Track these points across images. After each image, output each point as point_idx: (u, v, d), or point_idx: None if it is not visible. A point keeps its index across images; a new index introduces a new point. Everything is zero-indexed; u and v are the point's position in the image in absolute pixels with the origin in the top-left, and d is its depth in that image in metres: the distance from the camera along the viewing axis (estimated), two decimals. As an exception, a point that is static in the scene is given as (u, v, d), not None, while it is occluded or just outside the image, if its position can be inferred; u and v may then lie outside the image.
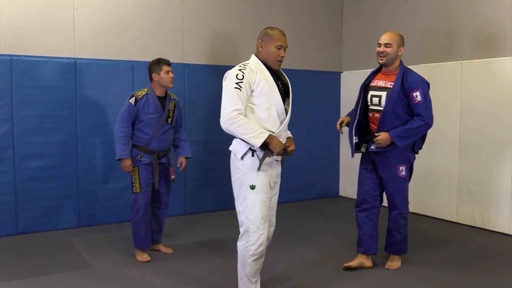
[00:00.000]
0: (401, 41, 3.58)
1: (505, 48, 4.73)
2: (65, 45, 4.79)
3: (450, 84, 5.14)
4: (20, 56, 4.55)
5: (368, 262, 3.76)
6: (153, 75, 3.88)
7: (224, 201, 5.73)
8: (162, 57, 3.98)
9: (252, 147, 2.85)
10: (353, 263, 3.72)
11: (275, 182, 3.02)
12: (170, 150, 4.05)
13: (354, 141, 3.68)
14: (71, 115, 4.78)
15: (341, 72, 6.60)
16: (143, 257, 3.90)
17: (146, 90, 3.89)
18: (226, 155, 5.72)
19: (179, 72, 5.35)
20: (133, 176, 3.86)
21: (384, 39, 3.57)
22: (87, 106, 4.84)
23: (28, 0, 4.59)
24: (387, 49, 3.53)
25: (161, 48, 5.26)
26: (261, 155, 2.84)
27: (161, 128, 3.87)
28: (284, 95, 2.97)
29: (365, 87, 3.69)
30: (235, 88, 2.77)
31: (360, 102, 3.68)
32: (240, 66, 2.87)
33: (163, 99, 3.92)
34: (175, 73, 5.29)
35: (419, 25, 5.57)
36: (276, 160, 2.96)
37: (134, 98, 3.83)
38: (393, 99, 3.49)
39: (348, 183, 6.52)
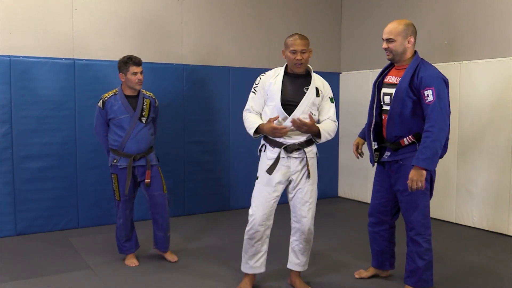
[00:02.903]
0: (407, 31, 3.05)
1: (504, 49, 4.74)
2: (64, 46, 4.79)
3: (449, 85, 5.14)
4: (19, 57, 4.55)
5: (383, 273, 3.56)
6: (120, 75, 3.69)
7: (223, 202, 5.73)
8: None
9: (265, 143, 3.23)
10: (366, 274, 3.58)
11: (292, 179, 3.21)
12: (153, 150, 3.83)
13: (373, 147, 3.28)
14: (70, 116, 4.78)
15: (340, 73, 6.61)
16: (130, 261, 3.82)
17: (115, 90, 3.74)
18: (225, 155, 5.76)
19: (178, 73, 5.35)
20: (113, 184, 3.76)
21: (385, 33, 3.09)
22: (86, 107, 4.83)
23: (27, 1, 4.59)
24: (390, 45, 3.07)
25: (160, 49, 5.26)
26: (268, 152, 3.19)
27: (134, 128, 3.67)
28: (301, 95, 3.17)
29: (379, 85, 3.26)
30: (251, 92, 3.26)
31: (375, 102, 3.25)
32: (265, 73, 3.28)
33: (134, 98, 3.72)
34: (175, 73, 5.35)
35: (418, 26, 5.53)
36: (290, 156, 3.16)
37: (101, 100, 3.70)
38: (399, 99, 3.02)
39: (347, 184, 6.52)
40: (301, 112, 3.11)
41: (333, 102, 3.29)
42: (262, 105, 3.22)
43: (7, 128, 4.51)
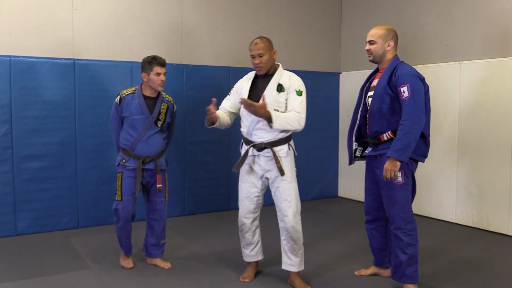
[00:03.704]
0: (388, 35, 3.27)
1: (504, 49, 4.74)
2: (64, 46, 4.79)
3: (449, 85, 5.15)
4: (19, 57, 4.55)
5: (384, 272, 3.58)
6: (143, 74, 3.57)
7: (223, 202, 5.73)
8: (162, 57, 3.82)
9: (242, 141, 3.40)
10: (366, 272, 3.62)
11: (268, 178, 3.32)
12: (163, 154, 3.73)
13: (353, 147, 3.47)
14: (70, 116, 4.78)
15: (340, 73, 6.61)
16: (126, 262, 3.72)
17: (134, 88, 3.64)
18: (225, 155, 5.76)
19: (179, 73, 5.36)
20: (116, 183, 3.62)
21: (368, 36, 3.31)
22: (86, 107, 4.83)
23: (27, 1, 4.60)
24: (371, 47, 3.28)
25: (160, 49, 5.26)
26: (242, 149, 3.37)
27: (147, 131, 3.56)
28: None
29: (366, 90, 3.44)
30: (228, 94, 3.51)
31: (361, 105, 3.44)
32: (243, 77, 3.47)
33: (152, 100, 3.61)
34: (175, 73, 5.34)
35: (418, 26, 5.57)
36: (259, 155, 3.27)
37: (119, 96, 3.61)
38: (378, 96, 3.19)
39: (347, 184, 6.52)
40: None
41: (300, 95, 3.24)
42: (233, 106, 3.43)
43: (7, 128, 4.51)
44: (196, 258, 4.02)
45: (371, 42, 3.29)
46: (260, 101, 3.13)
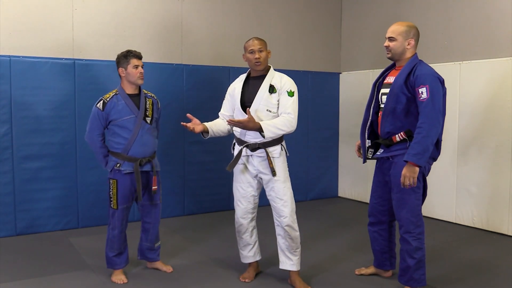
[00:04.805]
0: (409, 33, 3.15)
1: (504, 49, 4.74)
2: (64, 46, 4.79)
3: (449, 85, 5.10)
4: (19, 57, 4.55)
5: (385, 273, 3.57)
6: (120, 70, 3.42)
7: (223, 202, 5.73)
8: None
9: (235, 141, 3.46)
10: (366, 271, 3.61)
11: (262, 178, 3.35)
12: (155, 155, 3.57)
13: (366, 145, 3.35)
14: (70, 116, 4.78)
15: (340, 73, 6.61)
16: (118, 278, 3.47)
17: (115, 90, 3.47)
18: (224, 155, 5.75)
19: (179, 73, 5.36)
20: (110, 191, 3.40)
21: (388, 32, 3.19)
22: (86, 107, 4.82)
23: (27, 1, 4.60)
24: (391, 44, 3.15)
25: (160, 49, 5.27)
26: (235, 149, 3.43)
27: (140, 129, 3.41)
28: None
29: (378, 85, 3.32)
30: (224, 99, 3.51)
31: (373, 101, 3.32)
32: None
33: (136, 97, 3.47)
34: (175, 73, 5.35)
35: (418, 25, 5.52)
36: (252, 155, 3.30)
37: (101, 101, 3.41)
38: (394, 95, 3.08)
39: (347, 184, 6.52)
40: (255, 111, 3.22)
41: (292, 96, 3.23)
42: (230, 110, 3.45)
43: (7, 128, 4.51)
44: (196, 258, 4.02)
45: (390, 39, 3.17)
46: (247, 117, 3.13)
